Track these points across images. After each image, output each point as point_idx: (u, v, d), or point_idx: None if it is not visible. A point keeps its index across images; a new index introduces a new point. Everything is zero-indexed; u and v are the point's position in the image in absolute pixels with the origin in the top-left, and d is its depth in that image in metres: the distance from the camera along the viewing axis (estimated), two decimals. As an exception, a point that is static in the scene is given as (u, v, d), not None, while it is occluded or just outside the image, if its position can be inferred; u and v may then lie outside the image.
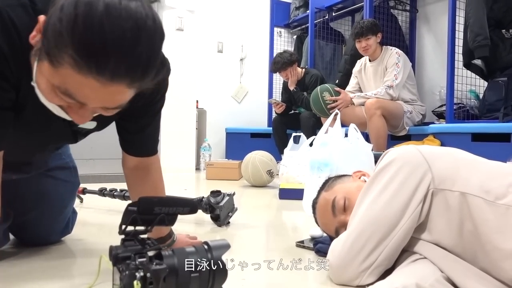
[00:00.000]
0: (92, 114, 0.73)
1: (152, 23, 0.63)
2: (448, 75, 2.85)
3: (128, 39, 0.59)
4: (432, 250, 0.89)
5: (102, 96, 0.65)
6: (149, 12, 0.64)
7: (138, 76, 0.64)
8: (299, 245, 1.28)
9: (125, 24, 0.59)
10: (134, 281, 0.63)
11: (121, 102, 0.69)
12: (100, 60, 0.60)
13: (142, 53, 0.62)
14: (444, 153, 0.94)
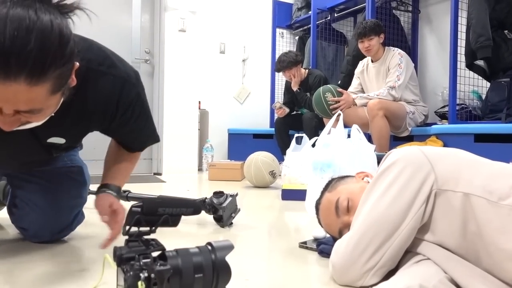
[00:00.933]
0: (18, 122, 0.76)
1: (47, 25, 0.68)
2: (451, 76, 2.85)
3: (14, 40, 0.64)
4: (435, 251, 0.89)
5: (6, 96, 0.68)
6: (44, 16, 0.68)
7: (32, 72, 0.67)
8: (302, 246, 1.28)
9: (10, 27, 0.64)
10: (139, 281, 0.63)
11: (34, 104, 0.72)
12: None
13: (31, 52, 0.65)
14: (447, 154, 0.94)
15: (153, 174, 3.96)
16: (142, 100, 1.09)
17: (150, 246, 0.71)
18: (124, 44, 3.90)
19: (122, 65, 1.03)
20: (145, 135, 1.22)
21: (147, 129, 1.20)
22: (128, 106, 1.04)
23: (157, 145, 3.97)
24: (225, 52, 4.59)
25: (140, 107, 1.08)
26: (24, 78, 0.66)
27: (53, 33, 0.69)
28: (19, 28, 0.65)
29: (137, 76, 1.08)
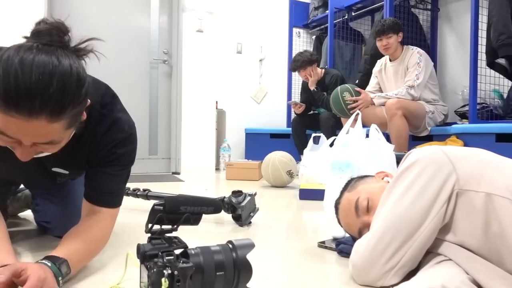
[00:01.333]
0: (34, 152, 0.83)
1: (67, 70, 0.76)
2: (471, 75, 2.80)
3: (39, 83, 0.72)
4: (457, 251, 0.88)
5: (28, 131, 0.76)
6: (64, 61, 0.77)
7: (53, 111, 0.75)
8: (321, 245, 1.29)
9: (36, 71, 0.72)
10: (162, 278, 0.65)
11: (52, 137, 0.80)
12: (17, 101, 0.71)
13: (53, 94, 0.73)
14: (469, 153, 0.93)
15: (172, 173, 4.01)
16: (125, 150, 1.06)
17: (172, 243, 0.73)
18: (143, 45, 3.95)
19: (123, 113, 1.09)
20: (112, 192, 1.08)
21: (116, 188, 1.09)
22: (114, 153, 1.04)
23: (175, 144, 4.02)
24: (242, 52, 4.61)
25: (120, 155, 1.06)
26: (45, 116, 0.74)
27: (72, 77, 0.77)
28: (43, 73, 0.73)
29: (133, 129, 1.11)
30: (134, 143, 1.09)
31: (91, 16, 3.73)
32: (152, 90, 4.03)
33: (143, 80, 3.96)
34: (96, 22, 3.75)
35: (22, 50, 0.74)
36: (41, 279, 0.73)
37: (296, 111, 3.91)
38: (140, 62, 3.94)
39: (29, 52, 0.74)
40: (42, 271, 0.75)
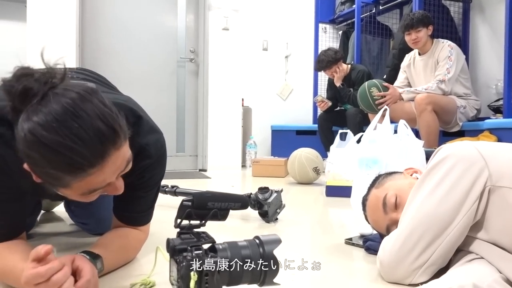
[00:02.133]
0: (121, 178, 0.83)
1: (89, 98, 0.73)
2: (506, 67, 2.70)
3: (84, 135, 0.70)
4: (489, 249, 0.85)
5: (111, 170, 0.76)
6: (80, 91, 0.72)
7: (113, 142, 0.74)
8: (348, 242, 1.28)
9: (70, 125, 0.69)
10: (191, 272, 0.66)
11: (126, 159, 0.80)
12: (80, 160, 0.70)
13: (100, 129, 0.71)
14: (503, 149, 0.90)
15: (198, 170, 4.06)
16: (153, 173, 1.04)
17: (201, 238, 0.74)
18: (170, 44, 4.02)
19: (151, 134, 1.03)
20: (140, 211, 1.08)
21: (145, 208, 1.09)
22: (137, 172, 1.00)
23: (202, 142, 4.07)
24: (268, 49, 4.61)
25: (148, 178, 1.04)
26: (113, 149, 0.74)
27: (99, 110, 0.74)
28: (80, 122, 0.70)
29: (162, 149, 1.05)
30: (163, 164, 1.06)
31: (121, 16, 3.82)
32: (179, 88, 4.09)
33: (170, 79, 4.02)
34: (125, 21, 3.84)
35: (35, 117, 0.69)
36: (94, 273, 0.79)
37: (321, 109, 3.89)
38: (168, 61, 4.01)
39: (36, 115, 0.69)
40: (90, 264, 0.81)
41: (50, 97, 0.70)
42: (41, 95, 0.70)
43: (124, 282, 0.90)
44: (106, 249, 0.93)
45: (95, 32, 3.73)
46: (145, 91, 3.84)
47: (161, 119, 1.11)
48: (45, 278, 0.70)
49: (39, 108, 0.69)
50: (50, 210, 1.81)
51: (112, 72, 3.49)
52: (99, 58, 3.72)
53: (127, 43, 3.84)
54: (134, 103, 1.05)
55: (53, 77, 0.72)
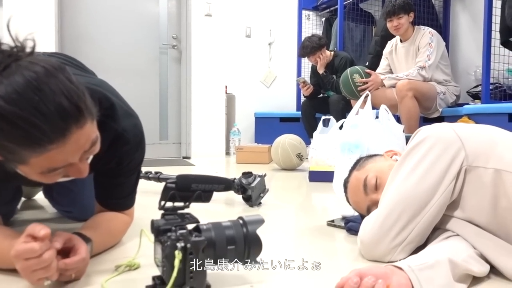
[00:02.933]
0: (86, 161, 0.80)
1: (55, 73, 0.70)
2: (484, 54, 2.75)
3: (50, 107, 0.67)
4: (465, 227, 0.89)
5: (72, 149, 0.73)
6: (46, 65, 0.69)
7: (75, 120, 0.71)
8: (330, 224, 1.30)
9: (31, 98, 0.66)
10: (176, 251, 0.67)
11: (90, 139, 0.77)
12: (38, 134, 0.67)
13: (62, 104, 0.68)
14: (479, 130, 0.93)
15: (182, 158, 4.05)
16: (132, 158, 1.03)
17: (185, 219, 0.75)
18: (152, 30, 3.96)
19: (127, 119, 1.01)
20: (123, 197, 1.09)
21: (126, 193, 1.09)
22: (115, 158, 1.01)
23: (185, 129, 4.05)
24: (251, 36, 4.58)
25: (128, 163, 1.03)
26: (75, 126, 0.71)
27: (66, 81, 0.72)
28: (45, 95, 0.68)
29: (139, 134, 1.04)
30: (142, 148, 1.05)
31: (101, 1, 3.74)
32: (162, 76, 4.05)
33: (152, 66, 3.98)
34: (105, 7, 3.76)
35: None
36: (87, 253, 0.81)
37: (304, 93, 3.90)
38: (150, 48, 3.95)
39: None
40: (86, 245, 0.82)
41: (13, 69, 0.67)
42: (3, 66, 0.67)
43: (110, 265, 0.91)
44: (94, 232, 0.93)
45: (75, 18, 3.65)
46: (127, 78, 3.78)
47: (144, 107, 1.09)
48: (37, 254, 0.71)
49: (0, 80, 0.67)
50: (31, 198, 1.79)
51: (92, 59, 3.42)
52: (79, 44, 3.65)
53: (107, 29, 3.77)
54: (108, 87, 1.03)
55: (21, 50, 0.70)
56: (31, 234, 0.73)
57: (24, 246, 0.71)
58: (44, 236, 0.72)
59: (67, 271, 0.77)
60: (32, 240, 0.72)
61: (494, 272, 0.85)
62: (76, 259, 0.78)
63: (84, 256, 0.79)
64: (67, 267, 0.77)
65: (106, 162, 0.99)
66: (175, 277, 0.66)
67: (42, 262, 0.72)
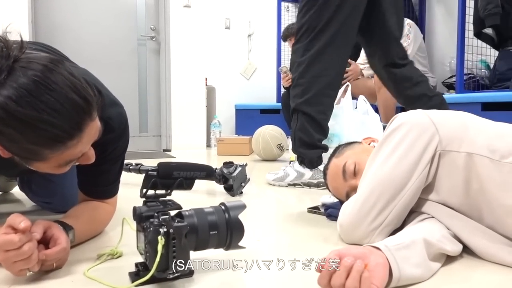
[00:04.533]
0: (92, 149, 0.83)
1: (57, 69, 0.71)
2: (458, 45, 2.82)
3: (59, 106, 0.69)
4: (439, 209, 0.92)
5: (87, 141, 0.77)
6: (44, 62, 0.70)
7: (88, 113, 0.74)
8: (310, 211, 1.33)
9: (45, 99, 0.68)
10: (159, 236, 0.68)
11: (98, 130, 0.81)
12: (59, 132, 0.70)
13: (75, 100, 0.71)
14: (452, 116, 0.96)
15: (163, 150, 4.02)
16: (116, 146, 1.03)
17: (167, 205, 0.76)
18: (130, 21, 3.90)
19: (112, 107, 1.02)
20: (106, 185, 1.09)
21: (111, 178, 1.08)
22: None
23: (165, 121, 4.02)
24: (230, 27, 4.56)
25: (111, 151, 1.03)
26: (88, 120, 0.74)
27: (70, 77, 0.73)
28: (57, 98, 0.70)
29: (124, 121, 1.04)
30: (126, 136, 1.05)
31: (75, -8, 3.66)
32: (141, 67, 4.00)
33: (131, 57, 3.92)
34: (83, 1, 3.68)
35: None
36: (68, 242, 0.81)
37: (284, 83, 3.91)
38: (128, 39, 3.90)
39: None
40: (65, 234, 0.82)
41: (17, 71, 0.67)
42: (8, 69, 0.67)
43: (92, 254, 0.90)
44: (77, 221, 0.93)
45: (49, 8, 3.56)
46: (105, 71, 3.72)
47: (123, 99, 1.09)
48: (16, 246, 0.71)
49: (7, 83, 0.66)
50: (7, 191, 1.75)
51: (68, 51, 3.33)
52: (54, 35, 3.56)
53: (83, 20, 3.69)
54: (92, 77, 1.03)
55: (11, 49, 0.69)
56: (11, 225, 0.72)
57: (3, 238, 0.71)
58: (25, 228, 0.72)
59: (48, 261, 0.77)
60: (12, 232, 0.72)
61: (467, 251, 0.89)
62: (56, 249, 0.78)
63: (64, 246, 0.79)
64: (48, 258, 0.77)
65: None
66: (158, 261, 0.67)
67: (22, 254, 0.72)
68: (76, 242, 0.92)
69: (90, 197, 1.06)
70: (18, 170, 0.90)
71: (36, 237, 0.75)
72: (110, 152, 1.02)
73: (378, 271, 0.69)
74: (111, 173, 1.06)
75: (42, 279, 0.78)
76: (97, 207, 1.05)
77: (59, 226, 0.82)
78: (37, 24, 3.50)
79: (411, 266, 0.74)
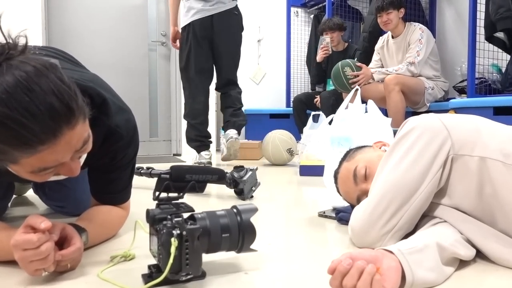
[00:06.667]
0: (78, 160, 0.79)
1: (46, 72, 0.69)
2: (470, 49, 2.80)
3: (40, 109, 0.66)
4: (452, 214, 0.91)
5: (63, 150, 0.72)
6: (37, 64, 0.68)
7: (66, 120, 0.70)
8: (321, 215, 1.33)
9: (21, 98, 0.65)
10: (172, 238, 0.68)
11: (82, 139, 0.76)
12: (29, 135, 0.66)
13: (53, 105, 0.67)
14: (465, 120, 0.95)
15: (173, 155, 4.04)
16: (125, 153, 1.03)
17: (180, 208, 0.76)
18: (141, 27, 3.94)
19: (120, 114, 1.01)
20: (118, 192, 1.09)
21: (122, 184, 1.09)
22: (109, 153, 1.01)
23: (176, 126, 4.04)
24: (240, 32, 4.58)
25: (121, 158, 1.03)
26: (66, 127, 0.70)
27: (57, 81, 0.71)
28: (35, 96, 0.67)
29: (133, 128, 1.04)
30: (135, 142, 1.05)
31: None
32: (151, 73, 4.03)
33: (142, 63, 3.96)
34: (92, 3, 3.73)
35: None
36: (81, 242, 0.81)
37: (321, 54, 3.79)
38: (138, 44, 3.94)
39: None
40: (79, 235, 0.82)
41: (3, 68, 0.67)
42: None
43: (105, 256, 0.91)
44: (90, 223, 0.94)
45: (62, 15, 3.62)
46: (116, 76, 3.76)
47: (133, 104, 1.09)
48: (34, 246, 0.72)
49: None
50: (21, 195, 1.78)
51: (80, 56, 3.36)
52: (67, 41, 3.61)
53: (95, 26, 3.74)
54: (100, 83, 1.03)
55: (12, 49, 0.69)
56: (30, 225, 0.73)
57: (23, 237, 0.72)
58: (45, 229, 0.73)
59: (63, 261, 0.78)
60: (31, 231, 0.73)
61: (480, 256, 0.88)
62: (72, 249, 0.79)
63: (79, 246, 0.80)
64: (64, 258, 0.78)
65: (100, 158, 0.99)
66: (171, 263, 0.67)
67: (39, 254, 0.73)
68: (89, 244, 0.93)
69: (101, 203, 1.07)
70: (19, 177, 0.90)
71: (53, 238, 0.76)
72: (120, 159, 1.02)
73: (390, 275, 0.69)
74: (122, 179, 1.07)
75: (57, 280, 0.80)
76: (110, 211, 1.06)
77: (73, 228, 0.84)
78: (50, 30, 3.56)
79: (424, 270, 0.73)
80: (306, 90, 4.63)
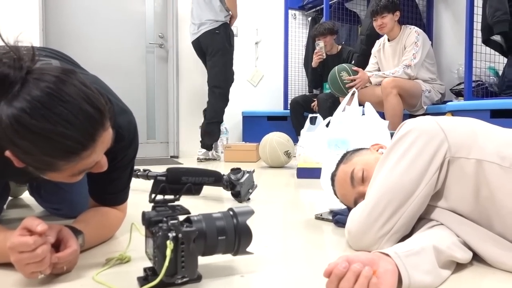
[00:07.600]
0: (104, 157, 0.84)
1: (69, 80, 0.72)
2: (466, 52, 2.81)
3: (72, 118, 0.70)
4: (448, 216, 0.91)
5: (101, 149, 0.78)
6: (56, 73, 0.71)
7: (101, 123, 0.75)
8: (318, 217, 1.33)
9: (59, 111, 0.69)
10: (167, 240, 0.68)
11: (110, 138, 0.81)
12: (74, 144, 0.71)
13: (88, 111, 0.72)
14: (461, 123, 0.95)
15: (170, 157, 4.03)
16: (125, 153, 1.04)
17: (176, 210, 0.76)
18: (138, 29, 3.94)
19: (122, 116, 1.03)
20: (117, 192, 1.10)
21: (121, 185, 1.10)
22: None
23: (173, 128, 4.04)
24: (238, 35, 4.58)
25: (122, 158, 1.04)
26: (101, 130, 0.76)
27: (82, 90, 0.74)
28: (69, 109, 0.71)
29: (134, 130, 1.05)
30: (135, 143, 1.06)
31: (86, 1, 3.70)
32: (149, 75, 4.03)
33: (139, 65, 3.96)
34: (90, 5, 3.73)
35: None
36: (78, 245, 0.82)
37: (315, 59, 3.83)
38: (136, 46, 3.94)
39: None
40: (75, 238, 0.83)
41: (30, 83, 0.68)
42: (21, 81, 0.68)
43: (101, 259, 0.91)
44: (86, 226, 0.93)
45: (59, 16, 3.61)
46: (113, 77, 3.75)
47: (131, 106, 1.09)
48: (30, 249, 0.71)
49: (20, 95, 0.67)
50: (17, 197, 1.77)
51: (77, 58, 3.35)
52: (64, 43, 3.61)
53: (92, 28, 3.74)
54: (102, 84, 1.04)
55: (22, 59, 0.70)
56: (27, 227, 0.73)
57: (19, 239, 0.72)
58: (42, 231, 0.73)
59: (60, 264, 0.78)
60: (27, 234, 0.73)
61: (477, 259, 0.88)
62: (68, 251, 0.78)
63: (75, 248, 0.80)
64: (60, 261, 0.77)
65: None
66: (167, 266, 0.67)
67: (35, 257, 0.72)
68: (85, 247, 0.92)
69: (100, 204, 1.06)
70: (29, 177, 0.91)
71: (50, 240, 0.76)
72: (120, 160, 1.02)
73: (387, 278, 0.69)
74: (121, 180, 1.07)
75: (53, 282, 0.79)
76: (107, 213, 1.06)
77: (69, 230, 0.83)
78: (48, 31, 3.56)
79: (421, 273, 0.73)
80: (303, 92, 4.63)
